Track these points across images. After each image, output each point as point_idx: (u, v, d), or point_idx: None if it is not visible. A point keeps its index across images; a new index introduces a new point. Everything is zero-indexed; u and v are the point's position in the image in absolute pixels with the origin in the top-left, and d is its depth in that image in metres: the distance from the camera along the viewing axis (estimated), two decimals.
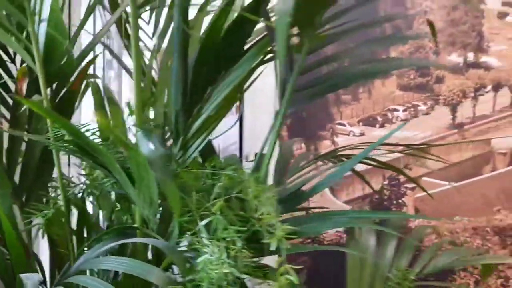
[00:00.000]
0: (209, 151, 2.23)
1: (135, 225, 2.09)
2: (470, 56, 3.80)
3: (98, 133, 2.16)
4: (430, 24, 2.29)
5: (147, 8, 2.36)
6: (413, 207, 3.76)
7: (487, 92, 3.67)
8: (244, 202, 1.89)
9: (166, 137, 2.22)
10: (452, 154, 4.50)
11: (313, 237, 3.75)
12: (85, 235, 2.31)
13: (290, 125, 4.20)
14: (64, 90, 2.39)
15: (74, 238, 2.32)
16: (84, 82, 2.44)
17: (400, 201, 3.80)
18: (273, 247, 1.75)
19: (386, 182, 4.10)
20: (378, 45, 2.82)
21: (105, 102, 2.34)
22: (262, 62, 2.21)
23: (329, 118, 6.05)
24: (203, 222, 1.82)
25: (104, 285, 1.81)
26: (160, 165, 1.81)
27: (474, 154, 4.47)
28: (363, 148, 2.29)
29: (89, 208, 2.35)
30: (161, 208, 2.08)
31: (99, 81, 2.50)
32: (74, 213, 2.35)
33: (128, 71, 2.50)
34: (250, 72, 2.16)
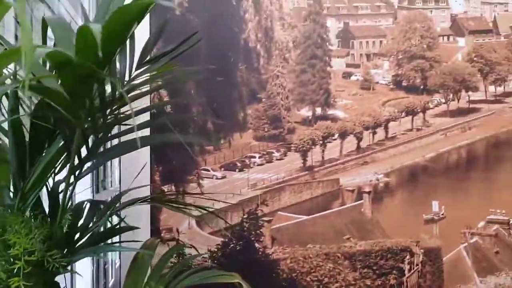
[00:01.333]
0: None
1: None
2: (319, 110, 8.82)
3: None
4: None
5: None
6: (270, 236, 8.76)
7: (334, 139, 8.53)
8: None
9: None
10: (303, 192, 11.92)
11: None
12: None
13: (161, 171, 9.20)
14: None
15: None
16: None
17: (258, 231, 7.59)
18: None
19: (245, 216, 8.90)
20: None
21: None
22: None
23: (195, 165, 15.27)
24: None
25: None
26: None
27: (324, 192, 12.02)
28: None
29: None
30: None
31: None
32: None
33: None
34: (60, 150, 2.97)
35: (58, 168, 3.18)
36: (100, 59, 2.66)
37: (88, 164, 3.13)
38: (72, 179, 3.02)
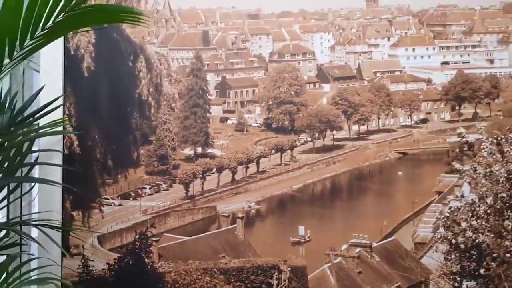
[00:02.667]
0: None
1: None
2: (199, 149, 8.25)
3: None
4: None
5: None
6: (157, 253, 7.29)
7: (212, 173, 8.09)
8: None
9: None
10: (186, 216, 11.04)
11: None
12: None
13: (71, 199, 5.92)
14: None
15: None
16: None
17: (147, 249, 5.16)
18: None
19: (137, 236, 6.26)
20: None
21: None
22: None
23: (97, 195, 11.12)
24: None
25: None
26: None
27: (203, 216, 11.25)
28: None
29: None
30: None
31: None
32: None
33: None
34: None
35: None
36: None
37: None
38: None
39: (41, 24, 2.21)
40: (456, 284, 2.16)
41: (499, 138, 2.05)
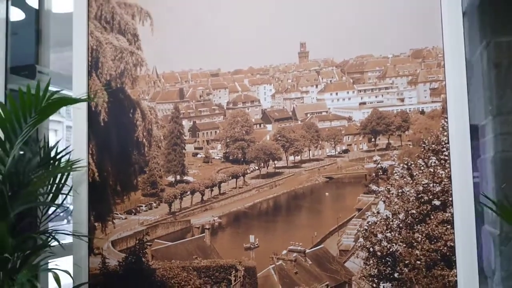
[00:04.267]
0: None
1: None
2: (178, 177, 2.67)
3: None
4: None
5: None
6: (151, 254, 2.81)
7: (188, 194, 2.73)
8: None
9: None
10: (169, 227, 3.91)
11: None
12: None
13: (94, 214, 2.80)
14: None
15: None
16: None
17: (144, 251, 2.83)
18: None
19: (137, 241, 3.21)
20: None
21: None
22: None
23: (110, 211, 4.94)
24: None
25: None
26: None
27: (181, 227, 3.81)
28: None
29: None
30: None
31: None
32: None
33: None
34: None
35: None
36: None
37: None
38: None
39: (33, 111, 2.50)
40: (374, 285, 2.28)
41: (409, 164, 2.20)
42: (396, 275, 2.73)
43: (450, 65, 2.68)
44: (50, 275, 2.71)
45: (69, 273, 2.92)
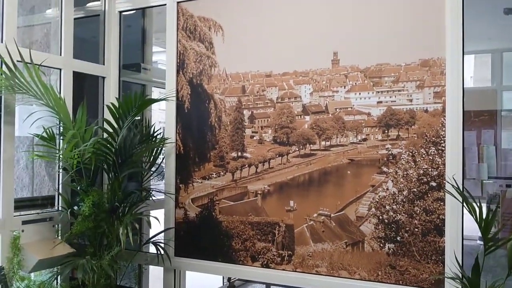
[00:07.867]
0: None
1: None
2: (240, 153, 3.41)
3: None
4: None
5: None
6: (218, 210, 3.23)
7: (245, 167, 3.25)
8: None
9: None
10: (232, 191, 4.17)
11: None
12: None
13: (179, 178, 3.21)
14: None
15: None
16: None
17: (214, 207, 3.27)
18: None
19: (209, 200, 3.44)
20: None
21: None
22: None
23: (191, 176, 4.36)
24: None
25: None
26: None
27: (241, 192, 4.22)
28: None
29: None
30: None
31: None
32: None
33: None
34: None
35: None
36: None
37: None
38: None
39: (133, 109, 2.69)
40: (381, 245, 2.23)
41: (413, 152, 2.13)
42: (398, 238, 2.71)
43: (449, 73, 2.58)
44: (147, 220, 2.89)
45: (157, 219, 3.03)
